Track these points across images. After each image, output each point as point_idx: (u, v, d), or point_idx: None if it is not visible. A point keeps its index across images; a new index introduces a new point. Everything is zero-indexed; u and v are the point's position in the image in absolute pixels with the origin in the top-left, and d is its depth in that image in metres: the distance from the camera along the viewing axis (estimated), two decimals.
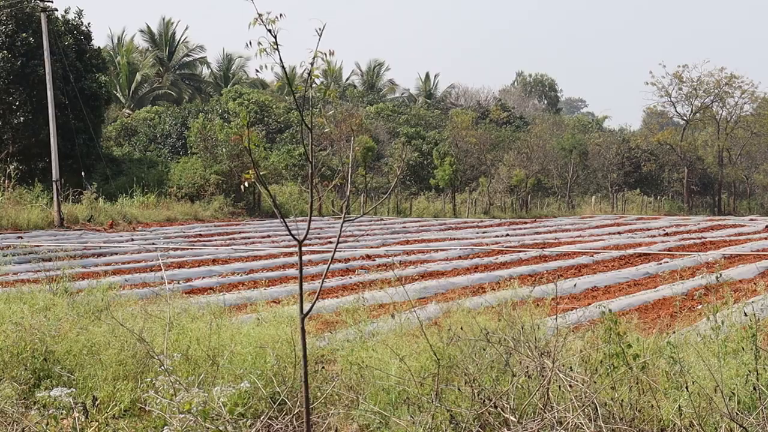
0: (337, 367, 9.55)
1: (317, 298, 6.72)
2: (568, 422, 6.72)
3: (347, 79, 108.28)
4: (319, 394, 8.40)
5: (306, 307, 6.60)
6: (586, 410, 6.85)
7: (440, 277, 22.21)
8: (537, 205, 66.85)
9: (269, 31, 6.10)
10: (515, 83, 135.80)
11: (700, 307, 15.30)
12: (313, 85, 6.62)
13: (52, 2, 45.64)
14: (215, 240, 34.56)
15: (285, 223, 6.62)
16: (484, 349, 8.26)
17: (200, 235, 37.45)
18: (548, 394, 7.04)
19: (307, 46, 6.25)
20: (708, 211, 73.32)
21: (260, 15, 6.03)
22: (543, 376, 7.21)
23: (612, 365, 7.75)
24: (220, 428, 6.58)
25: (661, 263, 25.17)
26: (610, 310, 8.32)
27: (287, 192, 56.45)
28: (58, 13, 51.47)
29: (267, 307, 12.90)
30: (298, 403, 7.58)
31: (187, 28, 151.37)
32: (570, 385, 7.07)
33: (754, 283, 19.12)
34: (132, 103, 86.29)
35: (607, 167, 75.08)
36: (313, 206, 6.77)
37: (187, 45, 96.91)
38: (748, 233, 39.57)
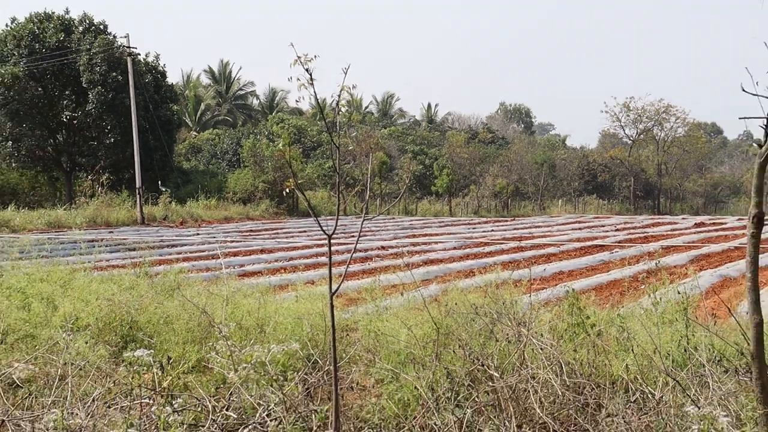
0: (358, 334, 9.55)
1: (343, 280, 6.72)
2: (540, 377, 6.72)
3: (366, 108, 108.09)
4: (344, 355, 8.40)
5: (334, 287, 6.59)
6: (553, 368, 6.84)
7: (440, 264, 22.19)
8: (515, 207, 66.64)
9: (306, 70, 6.10)
10: (498, 111, 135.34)
11: (643, 287, 15.26)
12: (340, 113, 6.63)
13: (136, 48, 45.92)
14: (263, 234, 34.57)
15: (317, 221, 6.62)
16: (474, 320, 8.25)
17: (251, 230, 37.48)
18: (524, 355, 7.02)
19: (333, 79, 6.25)
20: (649, 212, 73.00)
21: (299, 57, 6.02)
22: (520, 341, 7.20)
23: (574, 332, 7.74)
24: (273, 377, 6.60)
25: (612, 252, 25.10)
26: (572, 290, 8.31)
27: (319, 196, 56.52)
28: (141, 57, 51.75)
29: (303, 287, 12.90)
30: (327, 363, 7.58)
31: (240, 68, 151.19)
32: (541, 348, 7.06)
33: (686, 268, 19.07)
34: (197, 126, 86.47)
35: (571, 177, 74.90)
36: (340, 207, 6.76)
37: (240, 81, 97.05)
38: (681, 229, 39.50)
